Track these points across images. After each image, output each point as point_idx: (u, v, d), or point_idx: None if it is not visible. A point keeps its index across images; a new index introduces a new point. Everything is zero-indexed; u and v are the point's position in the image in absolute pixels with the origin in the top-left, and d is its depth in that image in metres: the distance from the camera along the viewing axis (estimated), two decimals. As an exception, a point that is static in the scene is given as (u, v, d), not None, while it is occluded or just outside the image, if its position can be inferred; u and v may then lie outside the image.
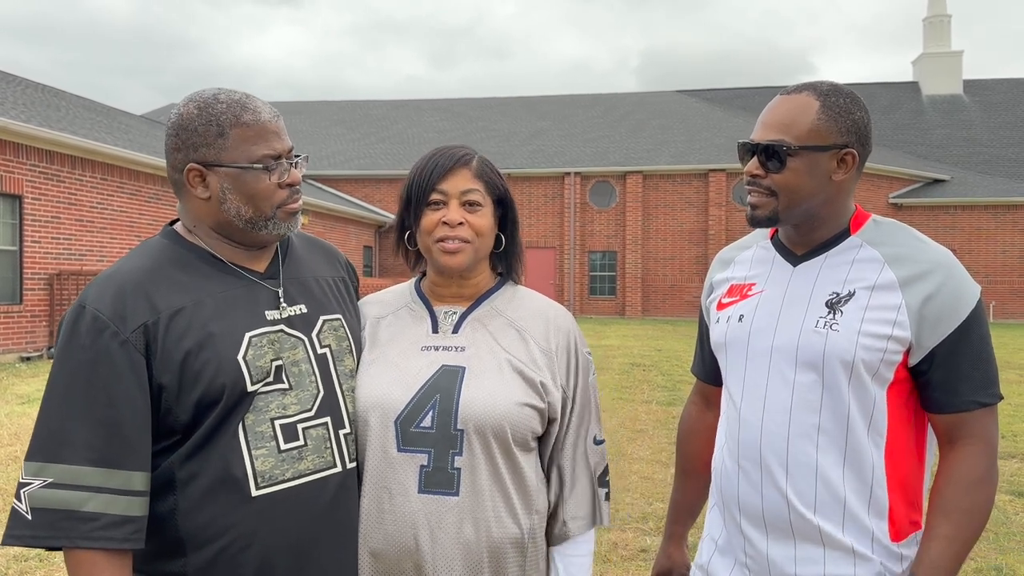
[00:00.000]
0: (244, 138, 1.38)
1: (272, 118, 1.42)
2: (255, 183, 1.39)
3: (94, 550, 1.24)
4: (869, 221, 1.53)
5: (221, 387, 1.33)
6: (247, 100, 1.40)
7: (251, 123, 1.38)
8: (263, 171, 1.39)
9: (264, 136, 1.39)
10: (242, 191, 1.39)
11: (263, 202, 1.40)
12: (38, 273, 12.70)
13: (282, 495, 1.36)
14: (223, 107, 1.38)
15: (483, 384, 1.47)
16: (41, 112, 14.06)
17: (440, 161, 1.52)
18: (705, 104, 33.17)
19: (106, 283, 1.34)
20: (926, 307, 1.39)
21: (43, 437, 1.26)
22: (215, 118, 1.37)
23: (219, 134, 1.37)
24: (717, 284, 1.71)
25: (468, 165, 1.53)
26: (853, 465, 1.42)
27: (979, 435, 1.41)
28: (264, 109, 1.41)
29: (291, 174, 1.43)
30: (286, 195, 1.43)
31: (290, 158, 1.44)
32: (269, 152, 1.39)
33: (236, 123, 1.37)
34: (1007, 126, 31.25)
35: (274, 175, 1.41)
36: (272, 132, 1.40)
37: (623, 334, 18.94)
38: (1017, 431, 7.42)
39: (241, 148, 1.38)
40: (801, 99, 1.46)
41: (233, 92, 1.42)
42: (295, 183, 1.44)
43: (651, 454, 6.34)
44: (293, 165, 1.44)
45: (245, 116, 1.38)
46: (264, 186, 1.39)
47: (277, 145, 1.41)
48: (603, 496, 1.61)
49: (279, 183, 1.41)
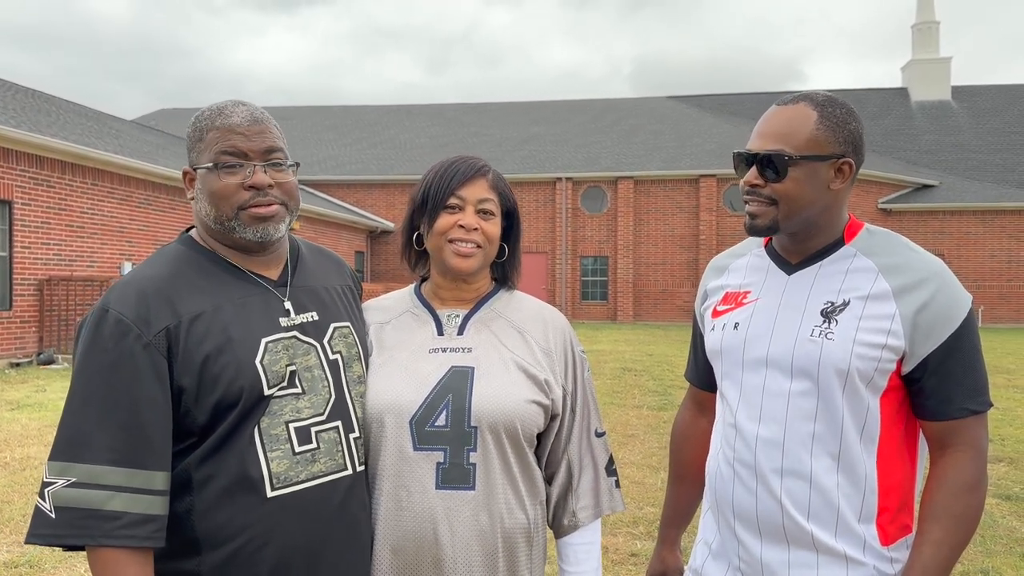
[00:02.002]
0: (213, 141, 1.43)
1: (244, 121, 1.43)
2: (213, 183, 1.43)
3: (117, 548, 1.27)
4: (863, 231, 1.55)
5: (239, 390, 1.36)
6: (227, 106, 1.45)
7: (220, 126, 1.43)
8: (220, 170, 1.42)
9: (228, 137, 1.42)
10: (205, 191, 1.44)
11: (221, 202, 1.43)
12: (27, 279, 12.64)
13: (296, 496, 1.40)
14: (207, 114, 1.46)
15: (493, 383, 1.53)
16: (31, 117, 14.00)
17: (461, 168, 1.59)
18: (696, 110, 33.31)
19: (128, 287, 1.37)
20: (919, 316, 1.41)
21: (66, 437, 1.29)
22: (198, 124, 1.46)
23: (199, 139, 1.45)
24: (712, 291, 1.73)
25: (486, 176, 1.61)
26: (846, 471, 1.45)
27: (970, 442, 1.44)
28: (238, 113, 1.44)
29: (255, 176, 1.42)
30: (247, 196, 1.43)
31: (268, 160, 1.45)
32: (227, 150, 1.42)
33: (211, 127, 1.44)
34: (995, 132, 31.47)
35: (235, 176, 1.42)
36: (239, 134, 1.42)
37: (615, 339, 18.97)
38: (1004, 435, 7.48)
39: (210, 151, 1.43)
40: (799, 109, 1.48)
41: (226, 101, 1.47)
42: (257, 185, 1.42)
43: (642, 459, 6.36)
44: (269, 168, 1.45)
45: (218, 120, 1.44)
46: (220, 186, 1.42)
47: (240, 145, 1.42)
48: (613, 484, 1.69)
49: (242, 184, 1.42)
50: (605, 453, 1.69)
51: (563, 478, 1.64)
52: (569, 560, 1.64)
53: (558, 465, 1.64)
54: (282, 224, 1.49)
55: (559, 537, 1.66)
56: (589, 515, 1.64)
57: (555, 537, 1.68)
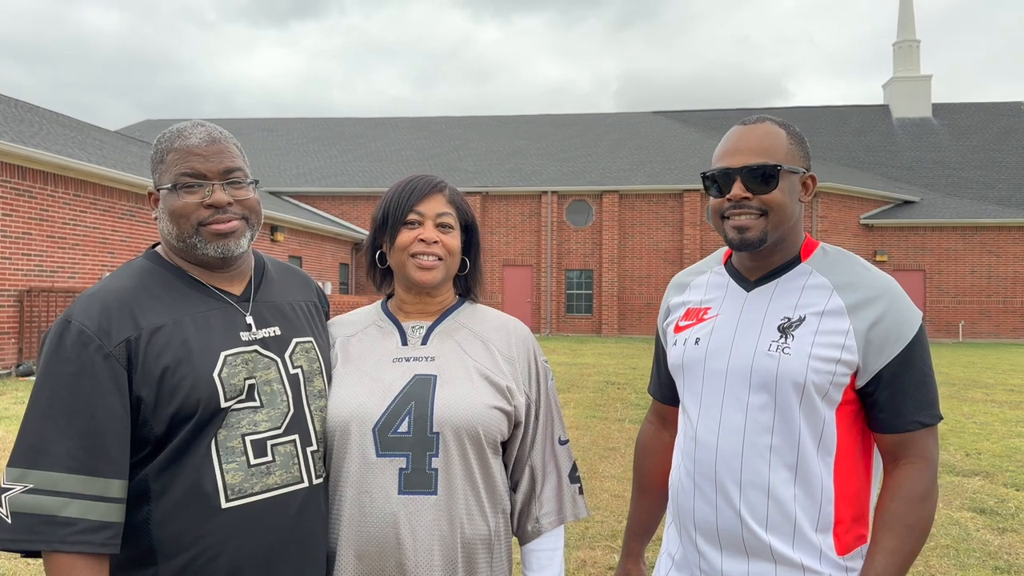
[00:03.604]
0: (172, 162, 1.49)
1: (202, 142, 1.49)
2: (173, 202, 1.48)
3: (72, 554, 1.29)
4: (818, 249, 1.61)
5: (196, 402, 1.40)
6: (186, 128, 1.51)
7: (179, 148, 1.49)
8: (179, 190, 1.47)
9: (186, 159, 1.48)
10: (167, 211, 1.49)
11: (181, 220, 1.48)
12: (8, 290, 12.53)
13: (250, 508, 1.43)
14: (167, 135, 1.52)
15: (455, 390, 1.57)
16: (13, 127, 13.93)
17: (418, 185, 1.65)
18: (680, 125, 33.56)
19: (91, 300, 1.41)
20: (872, 332, 1.46)
21: (26, 444, 1.32)
22: (160, 146, 1.52)
23: (160, 160, 1.51)
24: (674, 308, 1.77)
25: (443, 192, 1.67)
26: (803, 483, 1.48)
27: (921, 454, 1.48)
28: (196, 134, 1.49)
29: (214, 195, 1.48)
30: (207, 214, 1.48)
31: (227, 179, 1.50)
32: (185, 172, 1.47)
33: (170, 149, 1.50)
34: (975, 149, 31.89)
35: (194, 195, 1.48)
36: (196, 155, 1.48)
37: (599, 352, 19.01)
38: (981, 449, 7.55)
39: (169, 172, 1.49)
40: (768, 127, 1.56)
41: (186, 122, 1.53)
42: (216, 204, 1.47)
43: (622, 472, 6.38)
44: (229, 187, 1.50)
45: (176, 143, 1.49)
46: (179, 205, 1.48)
47: (199, 166, 1.48)
48: (576, 491, 1.72)
49: (201, 203, 1.48)
50: (568, 460, 1.73)
51: (527, 485, 1.67)
52: (532, 567, 1.67)
53: (522, 472, 1.67)
54: (243, 239, 1.53)
55: (523, 544, 1.70)
56: (552, 521, 1.68)
57: (519, 544, 1.71)
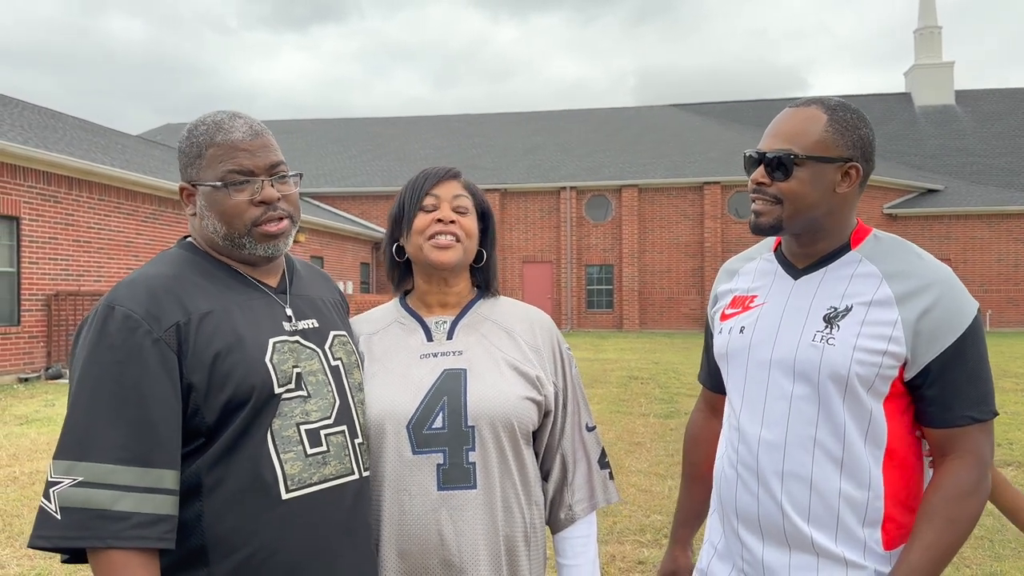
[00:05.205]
0: (215, 157, 1.42)
1: (246, 136, 1.43)
2: (224, 201, 1.42)
3: (127, 550, 1.22)
4: (869, 236, 1.55)
5: (250, 388, 1.34)
6: (225, 120, 1.44)
7: (221, 143, 1.42)
8: (229, 188, 1.42)
9: (232, 154, 1.42)
10: (214, 209, 1.43)
11: (235, 220, 1.43)
12: (36, 294, 12.71)
13: (309, 499, 1.38)
14: (203, 129, 1.45)
15: (486, 382, 1.57)
16: (38, 134, 14.11)
17: (432, 172, 1.66)
18: (700, 117, 33.35)
19: (134, 286, 1.35)
20: (921, 322, 1.40)
21: (72, 436, 1.25)
22: (196, 140, 1.44)
23: (197, 155, 1.44)
24: (721, 295, 1.75)
25: (457, 178, 1.68)
26: (850, 477, 1.44)
27: (971, 450, 1.43)
28: (238, 128, 1.43)
29: (264, 191, 1.43)
30: (259, 213, 1.43)
31: (274, 174, 1.45)
32: (234, 168, 1.41)
33: (210, 143, 1.43)
34: (999, 136, 31.44)
35: (243, 193, 1.42)
36: (243, 150, 1.42)
37: (621, 347, 18.96)
38: (1013, 439, 7.45)
39: (213, 167, 1.42)
40: (809, 112, 1.50)
41: (220, 114, 1.46)
42: (267, 200, 1.43)
43: (648, 467, 6.35)
44: (275, 182, 1.45)
45: (218, 137, 1.43)
46: (231, 204, 1.42)
47: (246, 162, 1.42)
48: (607, 476, 1.72)
49: (251, 200, 1.43)
50: (597, 446, 1.73)
51: (558, 473, 1.67)
52: (567, 554, 1.67)
53: (553, 461, 1.67)
54: (289, 238, 1.50)
55: (556, 532, 1.69)
56: (585, 508, 1.68)
57: (552, 533, 1.70)
